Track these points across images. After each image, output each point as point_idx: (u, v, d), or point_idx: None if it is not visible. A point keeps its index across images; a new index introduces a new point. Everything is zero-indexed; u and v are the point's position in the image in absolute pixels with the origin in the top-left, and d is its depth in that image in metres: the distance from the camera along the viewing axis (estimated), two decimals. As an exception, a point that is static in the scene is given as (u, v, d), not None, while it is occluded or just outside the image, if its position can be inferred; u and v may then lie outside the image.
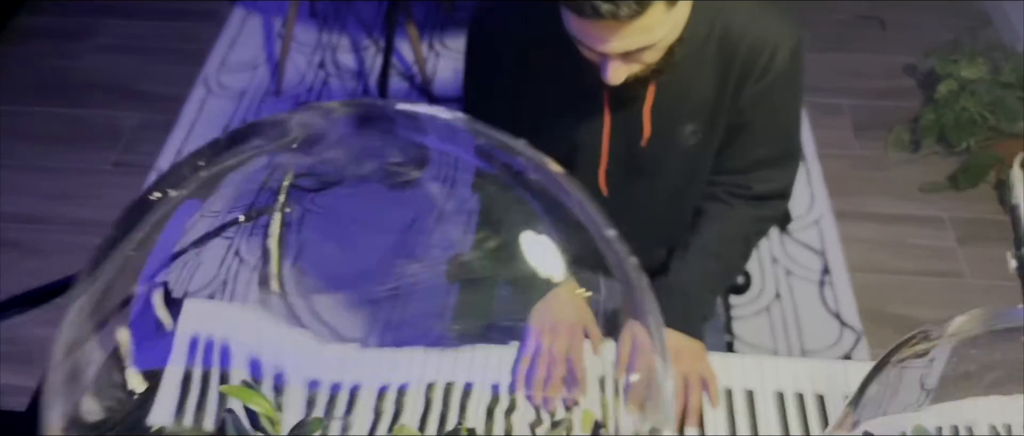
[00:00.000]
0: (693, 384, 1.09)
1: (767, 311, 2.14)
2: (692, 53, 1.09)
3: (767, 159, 1.23)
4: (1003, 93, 2.33)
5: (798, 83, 1.20)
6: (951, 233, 2.35)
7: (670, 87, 1.12)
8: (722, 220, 1.25)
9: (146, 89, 2.83)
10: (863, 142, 2.62)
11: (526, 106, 1.20)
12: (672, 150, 1.19)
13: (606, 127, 1.16)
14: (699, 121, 1.16)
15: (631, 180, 1.24)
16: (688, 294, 1.20)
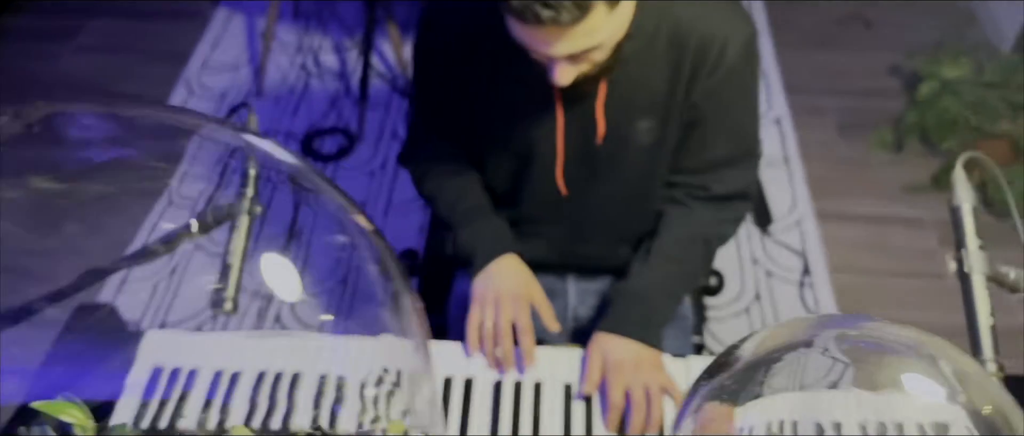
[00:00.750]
0: (654, 395, 1.08)
1: (746, 313, 2.13)
2: (642, 49, 1.08)
3: (724, 159, 1.22)
4: (985, 93, 2.32)
5: (752, 79, 1.18)
6: (933, 234, 2.34)
7: (622, 84, 1.11)
8: (681, 224, 1.24)
9: (127, 90, 2.81)
10: (846, 142, 2.61)
11: (478, 108, 1.20)
12: (628, 147, 1.18)
13: (560, 126, 1.15)
14: (654, 117, 1.15)
15: (590, 178, 1.23)
16: (647, 300, 1.19)
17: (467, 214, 1.25)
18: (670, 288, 1.22)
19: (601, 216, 1.28)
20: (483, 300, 1.15)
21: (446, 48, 1.15)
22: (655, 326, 1.17)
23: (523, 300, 1.14)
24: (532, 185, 1.26)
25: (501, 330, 1.11)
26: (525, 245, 1.33)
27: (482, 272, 1.18)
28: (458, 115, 1.23)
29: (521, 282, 1.18)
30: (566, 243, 1.33)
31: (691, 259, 1.23)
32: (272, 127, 2.64)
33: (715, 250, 1.29)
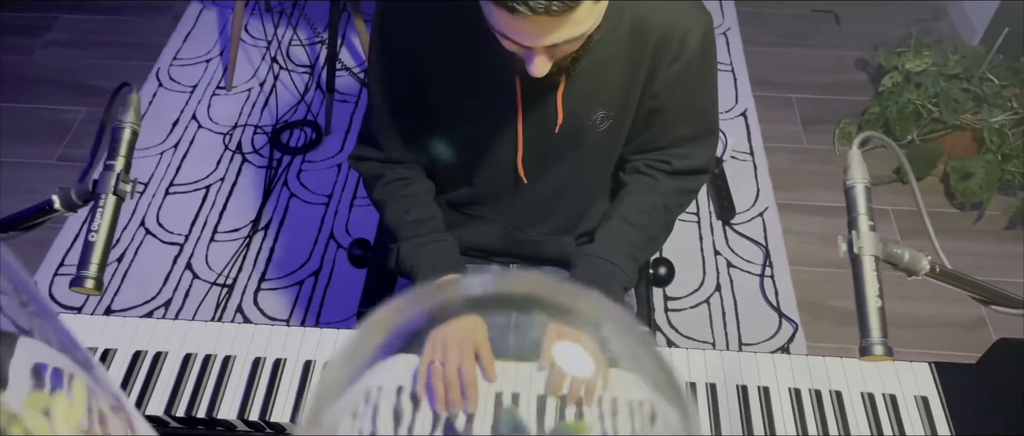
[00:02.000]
0: None
1: (706, 304, 2.14)
2: (604, 41, 1.09)
3: (686, 137, 1.25)
4: (948, 85, 2.33)
5: (711, 66, 1.20)
6: (895, 226, 2.35)
7: (582, 75, 1.12)
8: (643, 191, 1.27)
9: (97, 84, 2.81)
10: (811, 136, 2.62)
11: (438, 99, 1.20)
12: (584, 135, 1.19)
13: (520, 114, 1.16)
14: (611, 107, 1.17)
15: (547, 166, 1.24)
16: (608, 262, 1.21)
17: (413, 227, 1.25)
18: (631, 251, 1.23)
19: (551, 203, 1.29)
20: (433, 342, 1.14)
21: (405, 41, 1.15)
22: (617, 285, 1.20)
23: (468, 345, 1.12)
24: (490, 173, 1.26)
25: (449, 379, 1.09)
26: (471, 230, 1.34)
27: None
28: (415, 109, 1.23)
29: (468, 326, 1.14)
30: (513, 230, 1.33)
31: (651, 225, 1.25)
32: (242, 121, 2.64)
33: (674, 218, 1.31)
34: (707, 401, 1.08)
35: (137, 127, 0.95)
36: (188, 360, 1.13)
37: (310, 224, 2.33)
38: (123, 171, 0.92)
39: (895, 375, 1.11)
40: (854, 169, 0.75)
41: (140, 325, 1.18)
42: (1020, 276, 2.23)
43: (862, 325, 0.69)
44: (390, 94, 1.24)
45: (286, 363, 1.13)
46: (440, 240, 1.24)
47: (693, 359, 1.14)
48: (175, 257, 2.24)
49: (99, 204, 0.90)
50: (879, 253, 0.72)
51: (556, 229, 1.33)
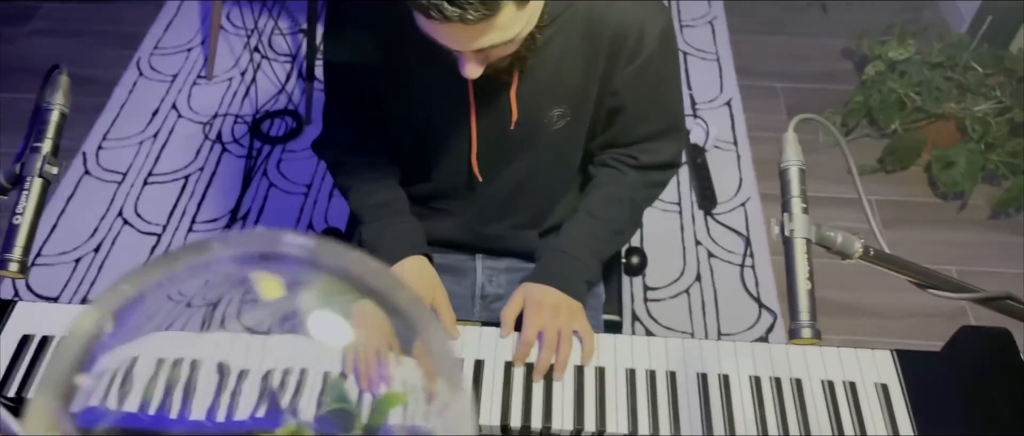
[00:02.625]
0: (565, 339, 1.10)
1: (686, 293, 2.13)
2: (557, 38, 1.08)
3: (652, 134, 1.24)
4: (931, 74, 2.32)
5: (673, 63, 1.19)
6: (878, 216, 2.34)
7: (536, 72, 1.10)
8: (610, 184, 1.26)
9: (78, 72, 2.75)
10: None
11: (392, 94, 1.18)
12: (541, 133, 1.18)
13: (473, 112, 1.14)
14: (567, 105, 1.15)
15: (503, 163, 1.23)
16: (570, 255, 1.20)
17: (375, 211, 1.24)
18: (594, 245, 1.22)
19: (512, 199, 1.28)
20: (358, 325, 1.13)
21: (356, 35, 1.14)
22: (578, 279, 1.19)
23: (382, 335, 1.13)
24: (446, 168, 1.25)
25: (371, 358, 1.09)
26: (435, 223, 1.33)
27: None
28: (370, 104, 1.21)
29: (424, 286, 1.16)
30: (476, 224, 1.32)
31: (617, 218, 1.24)
32: (223, 110, 2.62)
33: (642, 210, 1.30)
34: (667, 389, 1.07)
35: (66, 109, 0.94)
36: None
37: (289, 214, 2.32)
38: (50, 153, 0.91)
39: (857, 363, 1.10)
40: (789, 151, 0.74)
41: None
42: (1003, 266, 2.21)
43: (792, 308, 0.68)
44: (345, 88, 1.23)
45: None
46: (401, 222, 1.23)
47: (654, 347, 1.12)
48: (152, 247, 2.23)
49: (25, 187, 0.89)
50: (811, 236, 0.71)
51: (518, 224, 1.32)
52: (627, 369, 1.10)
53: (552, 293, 1.15)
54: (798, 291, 0.67)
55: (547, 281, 1.16)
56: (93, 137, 2.54)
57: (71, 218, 2.30)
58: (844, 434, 1.03)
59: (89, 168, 2.44)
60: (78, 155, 2.48)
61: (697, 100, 2.66)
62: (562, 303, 1.14)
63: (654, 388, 1.07)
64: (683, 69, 2.78)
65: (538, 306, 1.12)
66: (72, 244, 2.23)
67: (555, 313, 1.12)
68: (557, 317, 1.12)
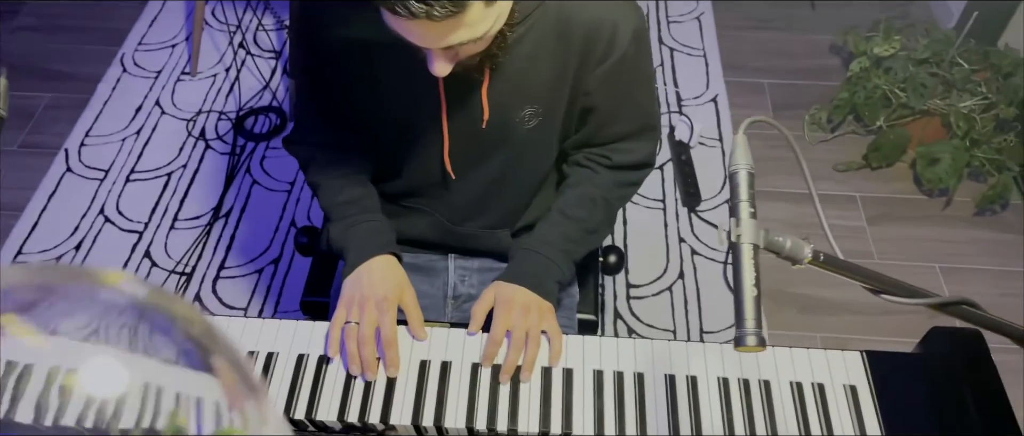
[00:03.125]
0: (532, 338, 1.09)
1: (669, 292, 2.12)
2: (528, 37, 1.07)
3: (625, 134, 1.23)
4: (916, 70, 2.30)
5: (645, 62, 1.18)
6: (862, 213, 2.33)
7: (507, 70, 1.09)
8: (583, 183, 1.25)
9: (63, 69, 2.78)
10: (782, 121, 2.56)
11: (361, 92, 1.17)
12: (513, 132, 1.17)
13: (444, 110, 1.13)
14: (539, 104, 1.14)
15: (476, 161, 1.22)
16: (541, 255, 1.19)
17: (344, 209, 1.22)
18: (567, 245, 1.21)
19: (484, 198, 1.27)
20: (349, 302, 1.12)
21: (324, 32, 1.12)
22: (550, 279, 1.18)
23: (389, 304, 1.11)
24: (419, 165, 1.24)
25: (364, 335, 1.08)
26: (407, 221, 1.32)
27: (353, 272, 1.16)
28: (340, 100, 1.20)
29: (391, 285, 1.14)
30: (448, 223, 1.31)
31: (590, 217, 1.23)
32: (206, 107, 2.61)
33: (616, 210, 1.30)
34: (634, 391, 1.07)
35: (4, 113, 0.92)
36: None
37: (272, 211, 2.30)
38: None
39: (826, 364, 1.10)
40: (738, 154, 0.73)
41: None
42: (988, 263, 2.21)
43: (737, 315, 0.67)
44: (315, 85, 1.22)
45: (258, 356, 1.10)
46: (370, 220, 1.22)
47: (623, 348, 1.12)
48: (134, 245, 2.22)
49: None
50: (759, 241, 0.70)
51: (491, 223, 1.31)
52: (595, 371, 1.09)
53: (522, 293, 1.14)
54: (744, 298, 0.66)
55: (518, 281, 1.15)
56: (76, 134, 2.52)
57: (52, 216, 2.29)
58: (811, 434, 1.02)
59: (71, 165, 2.43)
60: (60, 152, 2.47)
61: (683, 96, 2.65)
62: (532, 303, 1.13)
63: (621, 390, 1.07)
64: (669, 65, 2.77)
65: (508, 305, 1.11)
66: (53, 242, 2.22)
67: (524, 313, 1.11)
68: (526, 317, 1.11)
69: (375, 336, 1.09)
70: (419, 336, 1.12)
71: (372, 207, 1.24)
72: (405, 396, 1.06)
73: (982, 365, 1.03)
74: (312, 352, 1.11)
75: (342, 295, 1.14)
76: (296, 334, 1.13)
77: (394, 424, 1.04)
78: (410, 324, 1.12)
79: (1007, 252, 2.23)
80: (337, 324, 1.10)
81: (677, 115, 2.58)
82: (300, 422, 1.05)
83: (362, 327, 1.08)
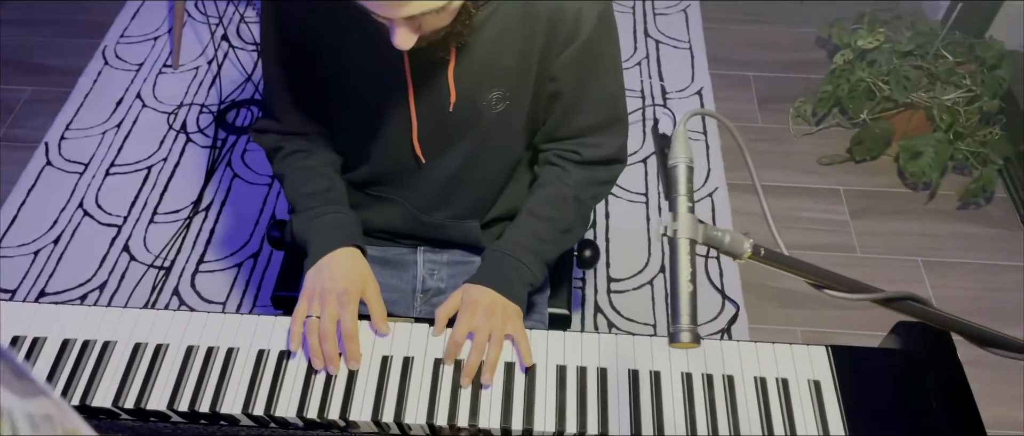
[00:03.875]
0: (495, 341, 1.07)
1: (650, 285, 2.11)
2: (494, 19, 1.06)
3: (593, 126, 1.22)
4: (900, 63, 2.29)
5: (611, 50, 1.17)
6: (845, 206, 2.32)
7: (473, 53, 1.08)
8: (553, 183, 1.23)
9: (44, 62, 2.76)
10: (766, 115, 2.58)
11: (330, 72, 1.16)
12: (481, 115, 1.16)
13: (410, 91, 1.12)
14: (506, 87, 1.13)
15: (445, 146, 1.21)
16: (511, 257, 1.18)
17: (308, 200, 1.21)
18: (537, 246, 1.20)
19: (453, 186, 1.25)
20: (311, 295, 1.11)
21: (293, 14, 1.11)
22: (519, 282, 1.17)
23: (351, 297, 1.09)
24: (388, 149, 1.23)
25: (325, 330, 1.07)
26: (375, 211, 1.31)
27: (315, 265, 1.15)
28: (308, 83, 1.19)
29: (353, 278, 1.13)
30: (417, 212, 1.30)
31: (561, 217, 1.22)
32: (188, 100, 2.59)
33: (589, 209, 1.28)
34: (597, 387, 1.06)
35: None
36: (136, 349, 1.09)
37: (252, 205, 2.29)
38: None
39: (791, 359, 1.09)
40: (677, 148, 0.71)
41: (72, 313, 1.14)
42: (970, 257, 2.20)
43: (673, 311, 0.65)
44: (283, 68, 1.21)
45: (218, 351, 1.09)
46: (334, 212, 1.20)
47: (587, 343, 1.11)
48: (112, 239, 2.21)
49: None
50: (696, 236, 0.69)
51: (459, 213, 1.29)
52: (558, 366, 1.08)
53: (488, 294, 1.12)
54: (680, 294, 0.65)
55: (486, 283, 1.14)
56: (56, 128, 2.51)
57: (31, 209, 2.27)
58: (773, 431, 1.01)
59: (51, 159, 2.41)
60: (40, 146, 2.45)
61: (668, 89, 2.63)
62: (497, 304, 1.11)
63: (584, 385, 1.06)
64: (654, 58, 2.75)
65: (473, 306, 1.10)
66: (31, 236, 2.21)
67: (488, 314, 1.09)
68: (490, 318, 1.09)
69: (337, 330, 1.08)
70: (381, 330, 1.11)
71: (337, 199, 1.22)
72: (366, 392, 1.05)
73: (946, 359, 1.03)
74: (273, 348, 1.10)
75: (304, 288, 1.13)
76: (257, 329, 1.12)
77: (355, 420, 1.03)
78: (373, 317, 1.11)
79: (990, 246, 2.22)
80: (298, 318, 1.09)
81: (661, 108, 2.56)
82: (260, 418, 1.04)
83: (323, 321, 1.07)
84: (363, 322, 1.12)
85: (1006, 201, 2.33)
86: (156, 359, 1.08)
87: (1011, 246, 2.22)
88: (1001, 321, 2.05)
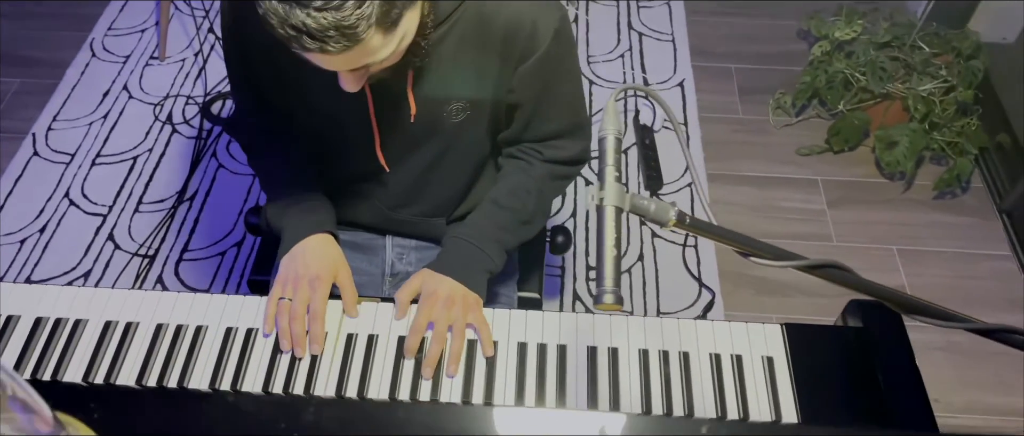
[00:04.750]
0: (457, 331, 1.10)
1: (628, 273, 2.14)
2: (450, 34, 1.08)
3: (557, 132, 1.24)
4: (877, 54, 2.32)
5: (569, 60, 1.19)
6: (823, 196, 2.35)
7: (431, 67, 1.10)
8: (516, 174, 1.26)
9: (32, 54, 2.78)
10: (747, 106, 2.61)
11: (290, 90, 1.18)
12: (442, 125, 1.17)
13: (371, 108, 1.14)
14: (465, 99, 1.15)
15: (408, 153, 1.23)
16: (472, 244, 1.20)
17: (281, 189, 1.24)
18: (498, 235, 1.22)
19: (419, 188, 1.28)
20: (284, 280, 1.13)
21: (252, 31, 1.11)
22: (478, 270, 1.18)
23: (322, 282, 1.12)
24: (353, 158, 1.25)
25: (295, 312, 1.09)
26: (345, 205, 1.33)
27: (289, 252, 1.18)
28: (273, 95, 1.21)
29: (325, 265, 1.15)
30: (385, 210, 1.32)
31: (522, 207, 1.24)
32: (174, 91, 2.62)
33: (550, 201, 1.30)
34: (556, 363, 1.08)
35: None
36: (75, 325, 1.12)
37: (236, 195, 2.32)
38: None
39: (746, 336, 1.11)
40: (607, 121, 0.74)
41: (44, 292, 1.17)
42: (945, 245, 2.23)
43: (598, 274, 0.68)
44: (246, 78, 1.23)
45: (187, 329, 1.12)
46: (307, 200, 1.23)
47: (548, 321, 1.13)
48: (98, 228, 2.23)
49: None
50: (622, 204, 0.71)
51: (426, 211, 1.32)
52: (519, 343, 1.11)
53: (448, 284, 1.13)
54: (605, 258, 0.67)
55: (446, 271, 1.15)
56: (43, 119, 2.53)
57: (18, 199, 2.30)
58: (726, 405, 1.04)
59: (38, 149, 2.44)
60: (28, 137, 2.48)
61: (650, 81, 2.66)
62: (457, 294, 1.13)
63: (543, 361, 1.08)
64: (637, 50, 2.77)
65: (432, 297, 1.11)
66: (18, 225, 2.23)
67: (448, 305, 1.11)
68: (450, 309, 1.11)
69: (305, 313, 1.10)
70: (351, 314, 1.14)
71: (309, 188, 1.25)
72: (331, 368, 1.08)
73: (894, 336, 1.05)
74: (241, 326, 1.12)
75: (278, 273, 1.16)
76: (226, 309, 1.14)
77: (318, 395, 1.06)
78: (344, 302, 1.14)
79: (965, 235, 2.25)
80: (272, 301, 1.12)
81: (643, 99, 2.59)
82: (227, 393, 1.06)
83: (294, 304, 1.09)
84: (333, 302, 1.15)
85: (982, 191, 2.36)
86: (126, 337, 1.10)
87: (986, 235, 2.25)
88: (974, 308, 2.08)
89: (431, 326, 1.11)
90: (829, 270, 0.71)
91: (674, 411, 1.03)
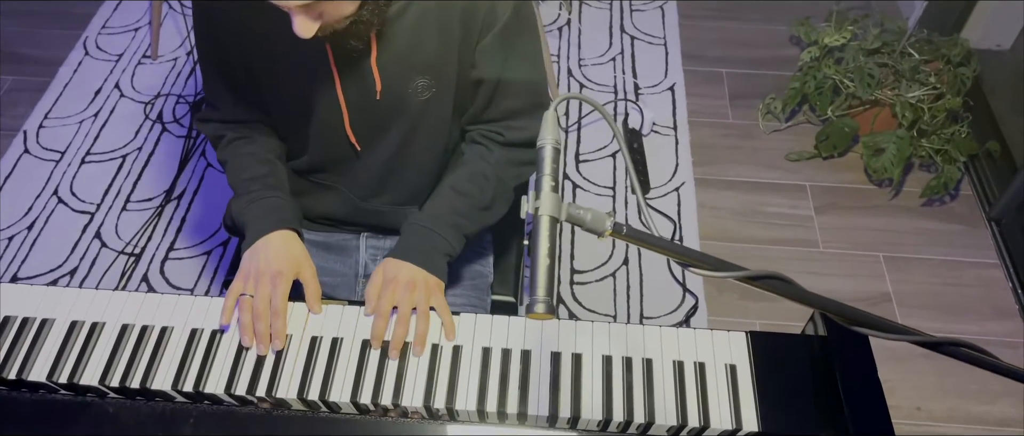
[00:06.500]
0: (420, 314, 1.10)
1: (612, 277, 2.14)
2: (411, 8, 1.09)
3: (517, 110, 1.24)
4: (866, 60, 2.31)
5: (530, 36, 1.20)
6: (810, 202, 2.34)
7: (394, 42, 1.11)
8: (475, 160, 1.26)
9: (26, 53, 2.80)
10: (737, 111, 2.60)
11: (260, 68, 1.19)
12: (409, 103, 1.18)
13: (337, 82, 1.15)
14: (429, 75, 1.16)
15: (378, 134, 1.23)
16: (429, 229, 1.21)
17: (247, 185, 1.24)
18: (456, 220, 1.22)
19: (389, 173, 1.28)
20: (246, 276, 1.14)
21: (220, 11, 1.14)
22: (438, 254, 1.19)
23: (283, 278, 1.13)
24: (324, 138, 1.26)
25: (257, 309, 1.10)
26: (317, 198, 1.34)
27: (251, 247, 1.18)
28: (241, 75, 1.22)
29: (287, 261, 1.16)
30: (358, 198, 1.33)
31: (480, 193, 1.24)
32: (165, 90, 2.63)
33: (510, 188, 1.29)
34: (519, 368, 1.08)
35: None
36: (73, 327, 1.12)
37: (223, 194, 2.32)
38: None
39: (711, 344, 1.11)
40: (545, 130, 0.74)
41: (10, 290, 1.17)
42: (931, 252, 2.22)
43: (531, 283, 0.68)
44: (216, 64, 1.24)
45: (152, 330, 1.12)
46: (272, 197, 1.23)
47: (513, 326, 1.13)
48: (85, 226, 2.24)
49: None
50: (558, 214, 0.71)
51: (397, 200, 1.32)
52: (483, 348, 1.11)
53: (408, 268, 1.15)
54: (538, 267, 0.67)
55: (405, 256, 1.17)
56: (35, 116, 2.54)
57: (8, 197, 2.31)
58: (687, 414, 1.04)
59: (28, 147, 2.45)
60: (19, 134, 2.49)
61: (641, 85, 2.66)
62: (418, 278, 1.14)
63: (507, 367, 1.08)
64: (629, 54, 2.77)
65: (393, 282, 1.13)
66: (6, 222, 2.24)
67: (410, 289, 1.12)
68: (412, 293, 1.12)
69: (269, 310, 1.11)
70: (315, 310, 1.14)
71: (275, 184, 1.25)
72: (294, 370, 1.08)
73: (856, 346, 1.05)
74: (206, 327, 1.13)
75: (240, 269, 1.16)
76: (192, 310, 1.15)
77: (281, 397, 1.06)
78: (307, 297, 1.14)
79: (952, 242, 2.24)
80: (232, 295, 1.12)
81: (631, 103, 2.59)
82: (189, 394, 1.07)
83: (256, 301, 1.10)
84: (299, 304, 1.15)
85: (971, 198, 2.35)
86: (91, 337, 1.11)
87: (973, 242, 2.24)
88: (959, 316, 2.07)
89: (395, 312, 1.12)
90: (771, 281, 0.71)
91: (635, 418, 1.03)
